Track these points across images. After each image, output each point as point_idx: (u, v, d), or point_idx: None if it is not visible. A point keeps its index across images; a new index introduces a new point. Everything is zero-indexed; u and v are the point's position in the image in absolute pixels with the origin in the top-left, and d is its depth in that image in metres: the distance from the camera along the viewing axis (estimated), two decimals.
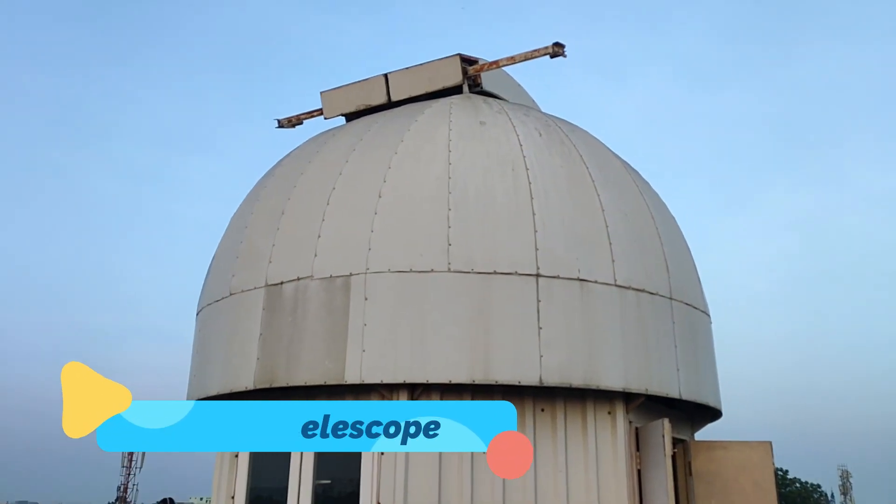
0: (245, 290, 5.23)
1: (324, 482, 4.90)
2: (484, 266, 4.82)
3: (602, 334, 4.90)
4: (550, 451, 4.84)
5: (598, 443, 4.91)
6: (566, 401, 4.96)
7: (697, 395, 5.40)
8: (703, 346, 5.76)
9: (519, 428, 4.83)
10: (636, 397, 4.99)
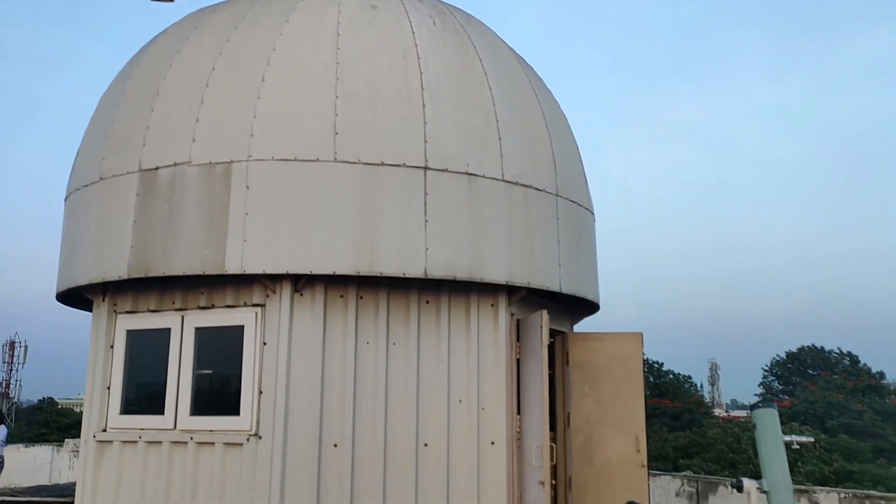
0: (117, 174, 4.93)
1: (204, 372, 4.85)
2: (371, 157, 4.72)
3: (488, 229, 4.96)
4: (434, 343, 4.95)
5: (481, 334, 5.05)
6: (451, 293, 5.04)
7: (577, 289, 5.62)
8: (585, 242, 5.95)
9: (403, 320, 4.92)
10: (518, 290, 5.13)
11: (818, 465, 17.58)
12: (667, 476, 9.38)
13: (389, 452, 4.70)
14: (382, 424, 4.71)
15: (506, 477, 4.88)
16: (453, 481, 4.78)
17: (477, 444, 4.88)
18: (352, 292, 4.82)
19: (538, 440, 4.84)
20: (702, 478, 9.11)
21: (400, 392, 4.81)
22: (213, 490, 4.60)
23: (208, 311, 4.86)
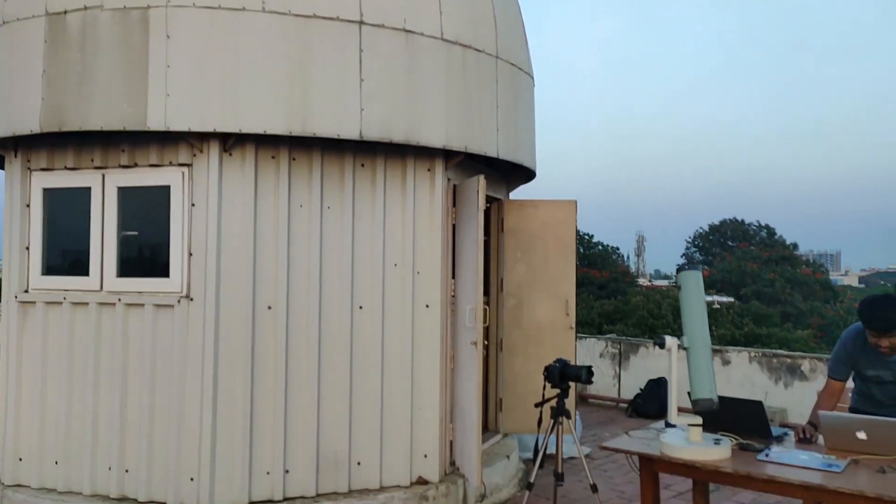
0: (21, 18, 4.49)
1: (130, 233, 4.68)
2: (303, 8, 4.42)
3: (425, 90, 4.79)
4: (370, 207, 4.88)
5: (417, 199, 5.00)
6: (387, 157, 4.93)
7: (514, 155, 5.57)
8: (524, 108, 5.85)
9: (338, 184, 4.81)
10: (456, 155, 5.05)
11: (730, 328, 18.78)
12: (592, 339, 9.86)
13: (324, 315, 4.72)
14: (317, 287, 4.70)
15: (439, 338, 4.99)
16: (388, 343, 4.88)
17: (412, 308, 4.95)
18: (284, 153, 4.65)
19: (472, 303, 4.94)
20: (624, 340, 9.62)
21: (334, 256, 4.77)
22: (143, 351, 4.56)
23: (131, 171, 4.63)
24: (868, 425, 3.45)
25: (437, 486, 4.90)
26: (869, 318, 3.63)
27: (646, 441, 3.81)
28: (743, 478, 3.35)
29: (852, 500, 3.09)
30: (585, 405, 9.16)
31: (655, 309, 18.49)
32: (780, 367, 8.06)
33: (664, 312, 17.79)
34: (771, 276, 25.95)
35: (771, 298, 25.06)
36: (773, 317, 21.75)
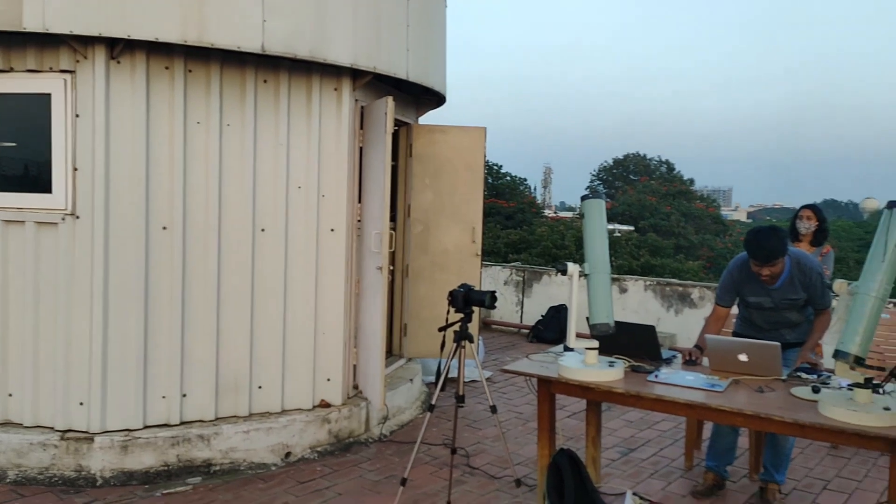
0: None
1: (7, 144, 4.32)
2: None
3: (333, 5, 4.56)
4: (273, 126, 4.67)
5: (323, 119, 4.82)
6: (291, 73, 4.70)
7: (425, 78, 5.44)
8: (435, 30, 5.69)
9: (239, 100, 4.56)
10: (364, 75, 4.88)
11: (629, 259, 19.54)
12: (497, 266, 10.02)
13: (224, 237, 4.55)
14: (216, 208, 4.50)
15: (344, 263, 4.93)
16: (291, 266, 4.77)
17: (316, 231, 4.84)
18: (179, 64, 4.35)
19: (378, 228, 4.87)
20: (528, 268, 9.82)
21: (234, 176, 4.57)
22: (26, 270, 4.28)
23: (6, 76, 4.22)
24: (748, 348, 3.67)
25: (339, 408, 4.92)
26: (753, 248, 3.81)
27: (544, 364, 3.92)
28: (633, 397, 3.50)
29: (732, 418, 3.29)
30: (489, 331, 9.37)
31: (559, 240, 18.98)
32: (672, 295, 8.46)
33: (568, 243, 18.31)
34: (668, 209, 27.04)
35: (667, 231, 26.18)
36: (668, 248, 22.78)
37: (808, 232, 5.44)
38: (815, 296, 3.90)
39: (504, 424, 5.44)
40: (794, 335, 4.05)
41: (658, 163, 40.30)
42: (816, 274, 3.90)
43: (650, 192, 29.09)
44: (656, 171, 39.30)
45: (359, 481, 4.33)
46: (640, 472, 4.58)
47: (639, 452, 4.93)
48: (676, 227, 26.15)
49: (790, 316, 4.01)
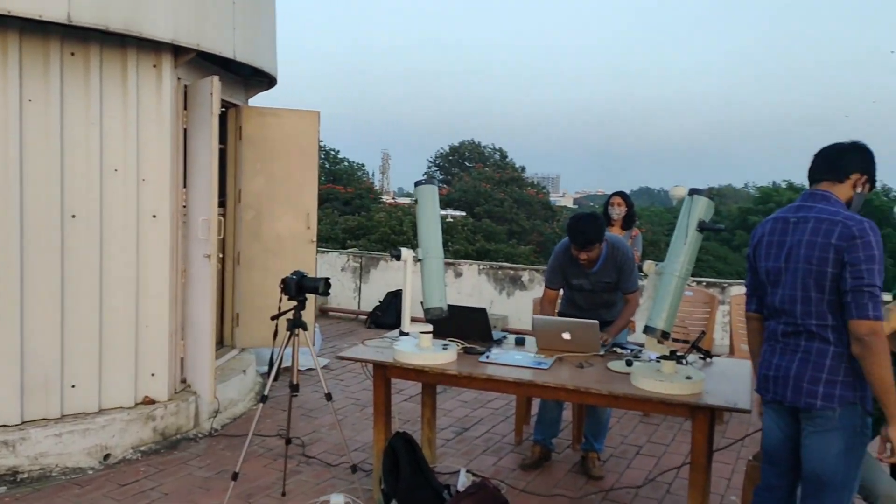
0: None
1: None
2: None
3: None
4: (83, 103, 4.30)
5: (141, 98, 4.51)
6: (103, 47, 4.35)
7: (253, 58, 5.24)
8: (264, 9, 5.50)
9: (42, 73, 4.16)
10: (186, 52, 4.61)
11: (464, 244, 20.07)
12: (334, 253, 9.91)
13: (28, 223, 4.14)
14: (17, 192, 4.09)
15: (168, 251, 4.66)
16: (108, 255, 4.44)
17: (136, 218, 4.53)
18: None
19: (205, 214, 4.65)
20: (365, 254, 9.81)
21: (39, 157, 4.16)
22: None
23: None
24: (571, 327, 3.88)
25: (165, 404, 4.66)
26: (572, 234, 4.04)
27: (380, 350, 3.93)
28: (466, 378, 3.60)
29: (555, 393, 3.48)
30: (326, 318, 9.27)
31: (397, 225, 19.12)
32: (504, 279, 8.80)
33: (406, 229, 18.48)
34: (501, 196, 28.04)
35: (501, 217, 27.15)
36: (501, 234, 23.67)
37: (619, 217, 5.86)
38: (624, 279, 4.19)
39: (341, 411, 5.41)
40: (611, 314, 4.34)
41: (492, 150, 41.64)
42: (629, 259, 4.20)
43: (484, 178, 30.00)
44: (490, 158, 40.60)
45: (187, 479, 4.13)
46: (473, 449, 4.73)
47: (472, 431, 5.09)
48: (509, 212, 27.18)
49: (606, 297, 4.29)
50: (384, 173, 58.84)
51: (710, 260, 26.40)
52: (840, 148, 2.61)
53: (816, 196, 2.58)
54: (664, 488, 4.18)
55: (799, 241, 2.53)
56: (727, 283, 7.84)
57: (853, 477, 2.50)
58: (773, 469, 2.74)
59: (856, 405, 2.46)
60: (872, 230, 2.39)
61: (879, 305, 2.37)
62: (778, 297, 2.60)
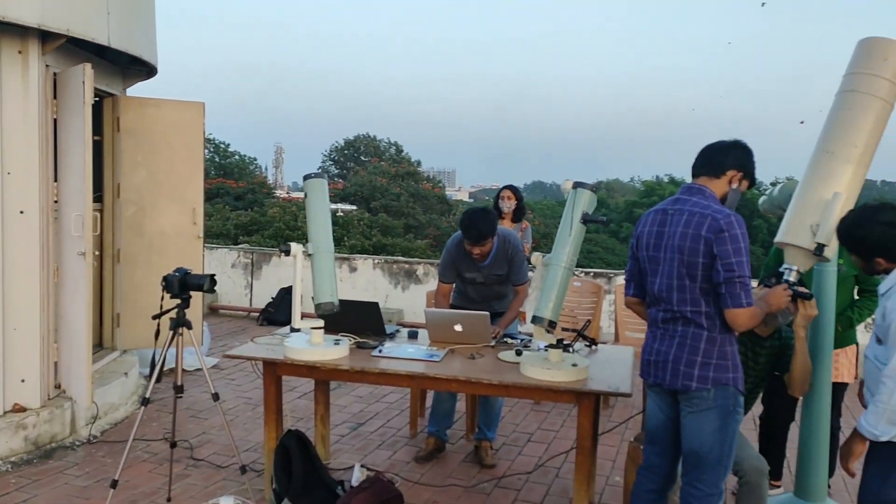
0: None
1: None
2: None
3: None
4: None
5: (5, 85, 4.22)
6: None
7: (129, 45, 4.98)
8: None
9: None
10: (55, 38, 4.33)
11: (360, 239, 19.94)
12: (224, 249, 9.61)
13: None
14: None
15: (38, 249, 4.37)
16: None
17: (1, 214, 4.23)
18: None
19: (79, 209, 4.38)
20: (256, 250, 9.57)
21: None
22: None
23: None
24: (462, 319, 3.93)
25: (37, 412, 4.38)
26: (465, 229, 4.09)
27: (270, 347, 3.84)
28: (358, 373, 3.58)
29: (448, 384, 3.51)
30: (216, 316, 8.98)
31: (292, 221, 18.77)
32: (399, 273, 8.80)
33: (300, 224, 18.15)
34: (398, 190, 28.02)
35: (397, 211, 27.14)
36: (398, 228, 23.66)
37: (509, 210, 5.99)
38: (514, 271, 4.28)
39: (232, 411, 5.26)
40: (502, 305, 4.43)
41: (388, 144, 41.54)
42: (519, 251, 4.29)
43: (380, 173, 29.89)
44: (386, 152, 40.49)
45: (64, 489, 3.90)
46: (368, 444, 4.71)
47: (367, 426, 5.07)
48: (406, 207, 27.20)
49: (498, 289, 4.37)
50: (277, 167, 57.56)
51: (600, 252, 27.44)
52: (720, 145, 2.77)
53: (693, 190, 2.73)
54: (553, 473, 4.31)
55: (674, 231, 2.66)
56: (613, 273, 8.16)
57: (728, 453, 2.66)
58: (654, 448, 2.88)
59: (728, 386, 2.61)
60: (738, 223, 2.55)
61: (750, 292, 2.54)
62: (656, 286, 2.73)
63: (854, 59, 2.86)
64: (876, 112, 2.77)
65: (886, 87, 2.76)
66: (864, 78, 2.79)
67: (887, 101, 2.78)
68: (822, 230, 2.75)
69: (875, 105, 2.77)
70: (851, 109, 2.79)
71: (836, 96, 2.89)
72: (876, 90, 2.76)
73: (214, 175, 27.80)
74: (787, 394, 3.24)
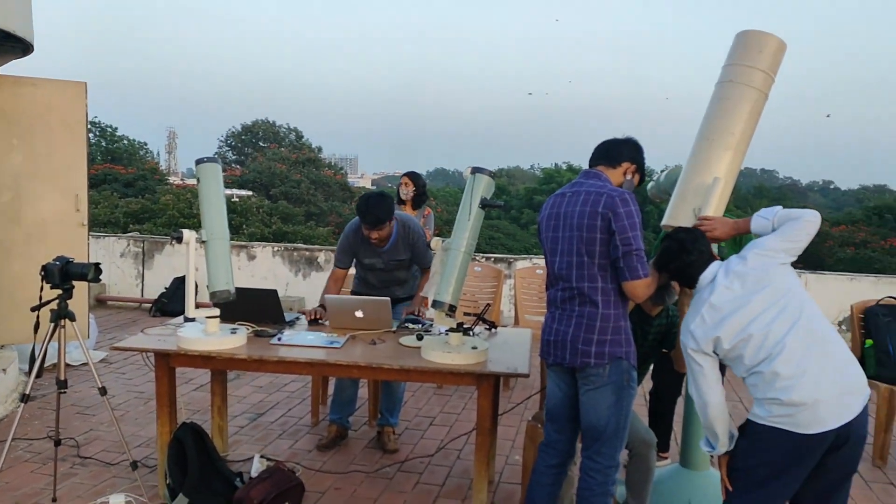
0: None
1: None
2: None
3: None
4: None
5: None
6: None
7: (3, 21, 4.64)
8: None
9: None
10: None
11: (260, 226, 19.47)
12: (112, 237, 9.17)
13: None
14: None
15: None
16: None
17: None
18: None
19: None
20: (147, 237, 9.17)
21: None
22: None
23: None
24: (363, 305, 3.91)
25: None
26: (362, 214, 4.06)
27: (162, 338, 3.70)
28: (256, 362, 3.50)
29: (349, 370, 3.49)
30: (105, 308, 8.56)
31: (186, 208, 18.12)
32: (299, 260, 8.65)
33: (195, 211, 17.50)
34: (298, 177, 27.53)
35: (298, 198, 26.67)
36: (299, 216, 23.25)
37: (409, 197, 5.99)
38: (419, 256, 4.30)
39: (123, 406, 5.04)
40: (403, 291, 4.44)
41: (287, 130, 40.67)
42: (420, 237, 4.31)
43: (280, 159, 29.26)
44: (285, 138, 39.63)
45: None
46: (268, 434, 4.63)
47: (268, 416, 4.98)
48: (307, 194, 26.77)
49: (399, 274, 4.38)
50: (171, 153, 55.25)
51: (501, 238, 27.92)
52: (616, 140, 2.96)
53: (590, 174, 2.86)
54: (455, 455, 4.37)
55: (572, 211, 2.76)
56: (513, 258, 8.33)
57: (624, 426, 2.78)
58: (554, 426, 2.97)
59: (622, 360, 2.72)
60: (632, 200, 2.67)
61: (646, 264, 2.66)
62: (557, 264, 2.82)
63: (732, 51, 3.02)
64: (751, 102, 2.94)
65: (761, 78, 2.93)
66: (740, 69, 2.94)
67: (762, 92, 2.95)
68: (704, 213, 2.90)
69: (751, 95, 2.93)
70: (729, 99, 2.94)
71: (715, 86, 3.04)
72: (751, 81, 2.92)
73: (101, 160, 26.38)
74: (673, 370, 3.41)
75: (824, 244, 23.46)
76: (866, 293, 6.08)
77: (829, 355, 2.37)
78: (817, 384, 2.31)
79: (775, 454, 2.37)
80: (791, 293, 2.44)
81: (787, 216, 2.53)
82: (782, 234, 2.51)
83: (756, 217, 2.65)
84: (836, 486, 2.43)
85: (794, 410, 2.32)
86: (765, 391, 2.40)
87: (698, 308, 2.55)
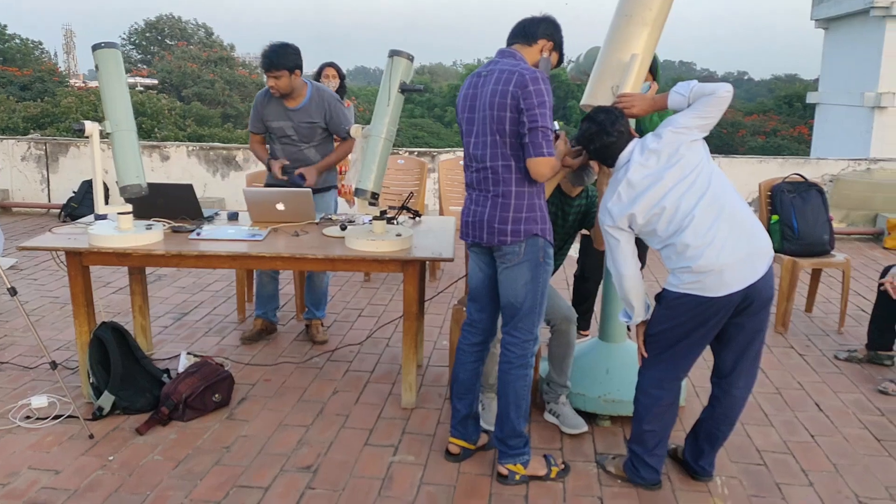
0: None
1: None
2: None
3: None
4: None
5: None
6: None
7: None
8: None
9: None
10: None
11: (174, 130, 18.66)
12: (10, 140, 8.61)
13: None
14: None
15: None
16: None
17: None
18: None
19: None
20: (49, 139, 8.65)
21: None
22: None
23: None
24: (284, 197, 3.83)
25: None
26: (262, 59, 4.06)
27: (72, 236, 3.55)
28: (175, 257, 3.41)
29: (272, 262, 3.44)
30: (10, 215, 8.14)
31: (91, 112, 17.17)
32: (217, 160, 8.35)
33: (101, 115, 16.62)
34: (211, 76, 26.24)
35: (213, 100, 25.53)
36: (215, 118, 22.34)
37: (333, 89, 5.80)
38: (335, 123, 4.20)
39: (37, 311, 4.88)
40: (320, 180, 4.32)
41: (196, 26, 38.37)
42: (336, 103, 4.21)
43: (190, 58, 27.73)
44: (194, 35, 37.42)
45: None
46: (194, 332, 4.58)
47: (192, 315, 4.92)
48: (222, 95, 25.63)
49: (309, 153, 4.22)
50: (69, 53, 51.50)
51: (425, 136, 27.66)
52: (532, 18, 2.89)
53: (505, 53, 2.80)
54: (384, 343, 4.45)
55: (485, 90, 2.72)
56: (437, 151, 8.27)
57: (540, 301, 2.86)
58: (475, 305, 3.03)
59: (538, 237, 2.77)
60: (543, 79, 2.64)
61: (551, 143, 2.64)
62: (472, 145, 2.80)
63: None
64: None
65: None
66: None
67: None
68: (622, 91, 2.91)
69: None
70: None
71: None
72: None
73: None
74: (597, 252, 3.52)
75: (737, 134, 24.22)
76: (774, 174, 6.34)
77: (736, 223, 2.51)
78: (723, 250, 2.45)
79: (684, 317, 2.54)
80: (700, 167, 2.54)
81: (702, 91, 2.59)
82: (695, 110, 2.58)
83: (672, 93, 2.69)
84: (750, 341, 2.68)
85: (702, 276, 2.46)
86: (677, 261, 2.53)
87: (615, 186, 2.64)
